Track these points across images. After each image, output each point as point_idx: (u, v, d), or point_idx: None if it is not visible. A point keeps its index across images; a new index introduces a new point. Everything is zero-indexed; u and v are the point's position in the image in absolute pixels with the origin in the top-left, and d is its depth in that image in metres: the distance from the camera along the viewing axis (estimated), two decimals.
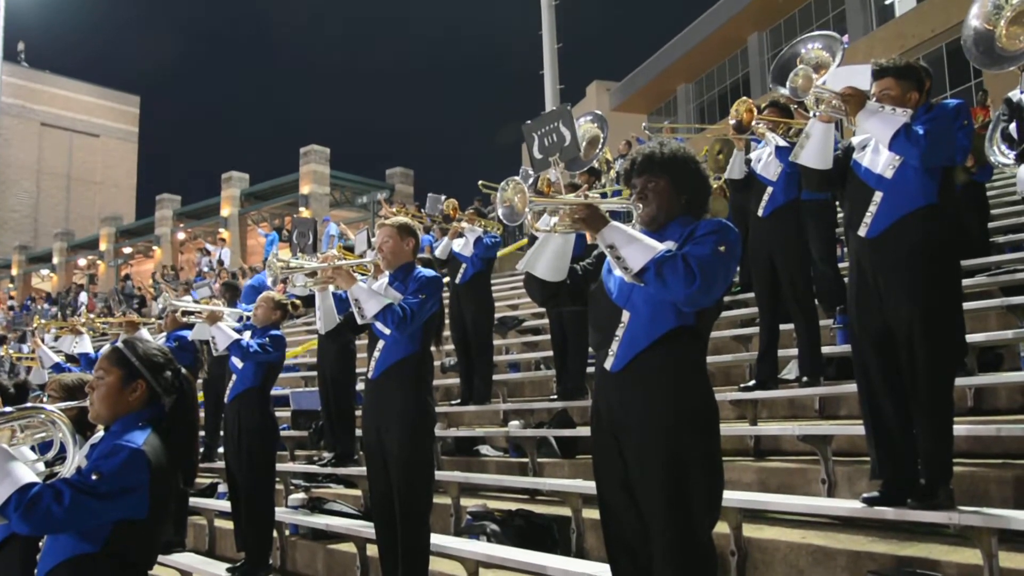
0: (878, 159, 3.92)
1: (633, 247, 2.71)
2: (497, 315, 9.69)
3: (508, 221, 2.97)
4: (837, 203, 7.05)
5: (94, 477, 2.45)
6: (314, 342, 10.47)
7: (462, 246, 7.94)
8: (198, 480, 8.48)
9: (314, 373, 9.49)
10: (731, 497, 4.04)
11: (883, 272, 3.80)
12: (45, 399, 4.09)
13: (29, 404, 2.90)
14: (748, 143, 6.19)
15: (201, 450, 8.82)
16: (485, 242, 7.84)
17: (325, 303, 4.87)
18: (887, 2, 25.48)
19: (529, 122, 4.60)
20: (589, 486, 4.67)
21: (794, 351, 5.97)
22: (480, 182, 9.83)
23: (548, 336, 8.16)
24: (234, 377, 5.88)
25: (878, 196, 3.86)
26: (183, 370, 2.88)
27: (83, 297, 28.41)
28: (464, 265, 7.92)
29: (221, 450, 7.31)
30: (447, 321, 8.14)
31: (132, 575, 2.60)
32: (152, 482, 2.54)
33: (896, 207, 3.80)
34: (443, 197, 9.06)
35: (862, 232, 3.89)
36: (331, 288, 4.92)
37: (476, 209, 8.37)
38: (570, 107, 5.02)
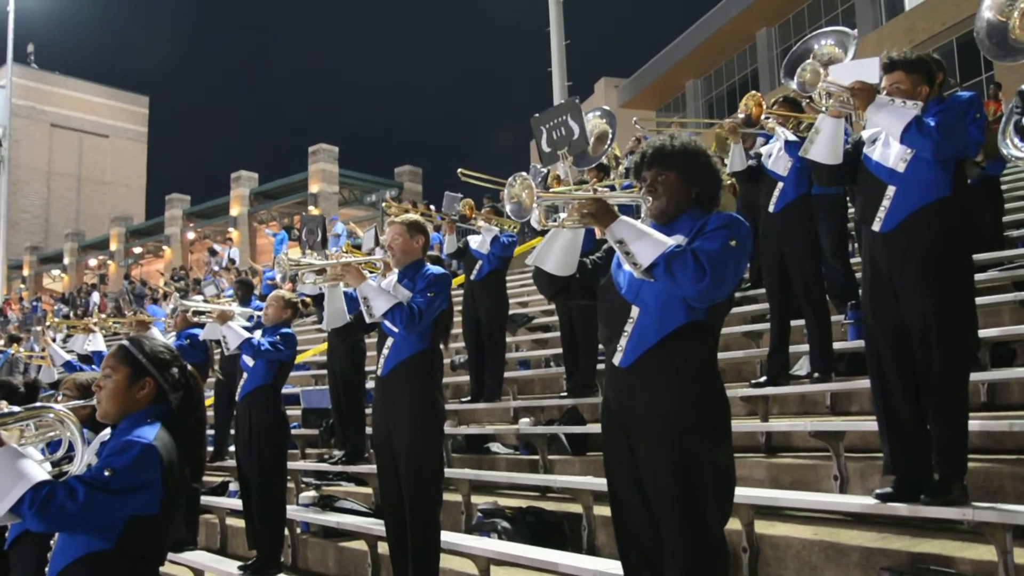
0: (889, 152, 3.89)
1: (642, 242, 2.69)
2: None
3: (516, 217, 2.96)
4: (848, 198, 7.02)
5: (107, 473, 2.44)
6: (326, 345, 10.47)
7: (479, 243, 7.95)
8: (210, 479, 8.51)
9: (324, 371, 9.50)
10: (742, 494, 4.02)
11: (897, 267, 3.77)
12: (59, 398, 4.10)
13: (38, 404, 2.91)
14: (754, 138, 6.16)
15: (211, 449, 8.84)
16: (502, 241, 7.86)
17: (333, 301, 4.87)
18: None
19: (537, 115, 4.58)
20: (600, 483, 4.67)
21: (805, 347, 5.95)
22: (460, 170, 9.01)
23: (558, 333, 8.15)
24: (245, 375, 5.89)
25: (891, 190, 3.83)
26: (189, 367, 2.88)
27: (95, 298, 28.49)
28: (480, 262, 7.94)
29: (232, 448, 7.33)
30: (459, 318, 8.14)
31: (144, 571, 2.60)
32: (164, 478, 2.54)
33: (910, 201, 3.78)
34: (460, 196, 9.00)
35: (876, 227, 3.86)
36: (341, 286, 4.92)
37: (493, 207, 8.34)
38: (578, 100, 4.99)
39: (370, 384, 7.14)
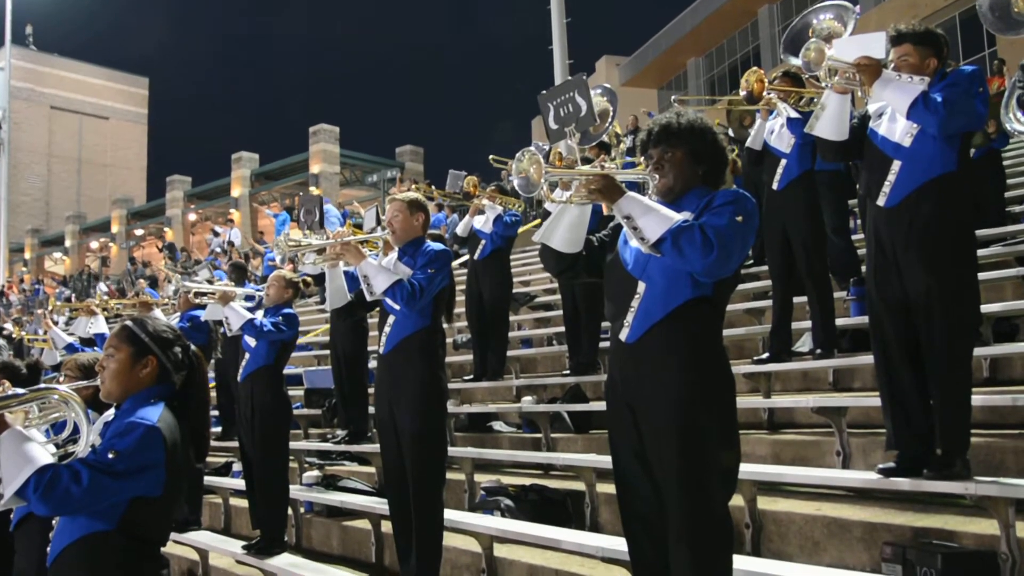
0: (895, 127, 3.86)
1: (650, 217, 2.68)
2: None
3: (524, 192, 2.95)
4: (851, 174, 7.00)
5: (110, 455, 2.44)
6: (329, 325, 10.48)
7: (482, 223, 7.94)
8: (213, 459, 8.54)
9: (327, 352, 9.51)
10: (745, 470, 4.01)
11: (901, 242, 3.75)
12: (61, 379, 4.10)
13: (42, 385, 2.90)
14: (753, 115, 6.12)
15: (219, 429, 8.87)
16: (505, 220, 7.84)
17: (335, 281, 4.86)
18: None
19: (545, 92, 4.57)
20: (603, 460, 4.68)
21: (808, 323, 5.94)
22: (491, 156, 9.46)
23: (560, 312, 8.15)
24: (247, 356, 5.88)
25: (896, 165, 3.81)
26: (192, 347, 2.87)
27: (102, 287, 28.44)
28: (483, 241, 7.93)
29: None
30: (462, 297, 8.14)
31: (147, 552, 2.61)
32: (168, 459, 2.54)
33: (915, 176, 3.75)
34: (463, 174, 8.97)
35: (880, 202, 3.84)
36: (341, 265, 4.91)
37: (498, 186, 8.32)
38: (585, 77, 4.96)
39: (372, 363, 7.16)
